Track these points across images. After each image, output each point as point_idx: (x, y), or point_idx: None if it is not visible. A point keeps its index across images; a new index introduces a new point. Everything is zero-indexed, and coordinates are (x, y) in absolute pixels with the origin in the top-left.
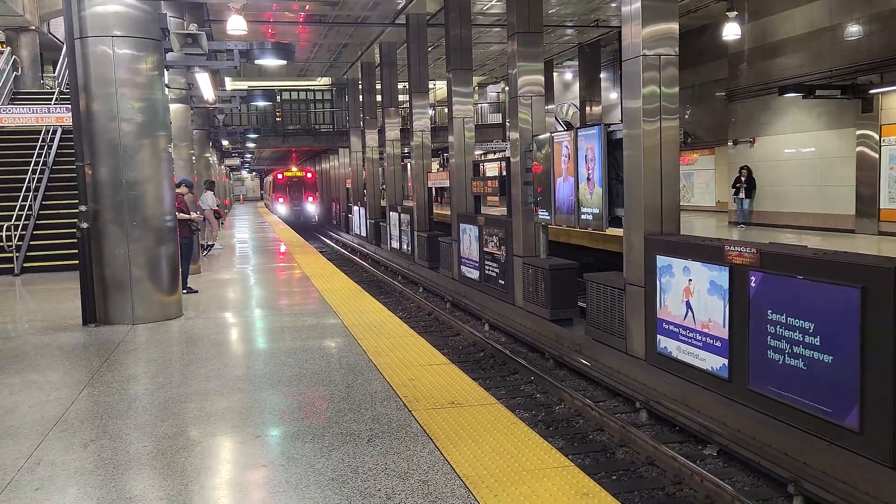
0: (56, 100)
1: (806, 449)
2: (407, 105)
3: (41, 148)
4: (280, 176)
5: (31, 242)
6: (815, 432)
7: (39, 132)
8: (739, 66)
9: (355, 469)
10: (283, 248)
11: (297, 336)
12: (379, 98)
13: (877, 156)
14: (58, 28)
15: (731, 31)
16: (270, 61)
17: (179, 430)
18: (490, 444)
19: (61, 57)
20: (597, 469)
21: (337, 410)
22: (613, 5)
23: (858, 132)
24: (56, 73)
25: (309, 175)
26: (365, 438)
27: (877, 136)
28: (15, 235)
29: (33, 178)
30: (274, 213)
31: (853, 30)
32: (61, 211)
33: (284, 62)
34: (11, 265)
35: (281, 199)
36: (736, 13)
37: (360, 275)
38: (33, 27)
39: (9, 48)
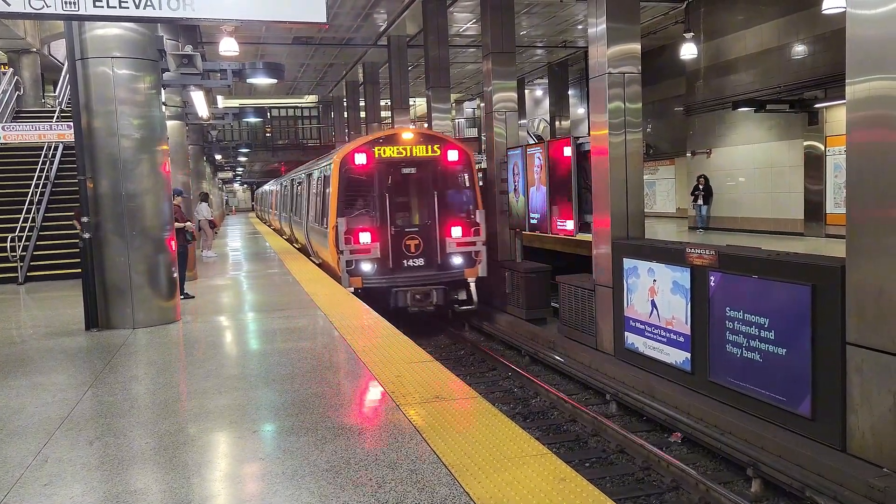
0: (57, 118)
1: (763, 435)
2: (389, 121)
3: (43, 163)
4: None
5: (35, 253)
6: (772, 420)
7: (42, 148)
8: (696, 83)
9: (347, 460)
10: (273, 255)
11: (290, 337)
12: (363, 114)
13: (822, 164)
14: (58, 50)
15: (689, 51)
16: (261, 80)
17: (180, 427)
18: (473, 435)
19: (62, 77)
20: (571, 457)
21: (329, 406)
22: (580, 27)
23: (806, 143)
24: (57, 93)
25: (453, 154)
26: (356, 431)
27: (822, 147)
28: (19, 246)
29: (36, 192)
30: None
31: (799, 49)
32: (63, 223)
33: (275, 80)
34: (16, 274)
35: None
36: (692, 34)
37: None
38: (35, 49)
39: (11, 69)
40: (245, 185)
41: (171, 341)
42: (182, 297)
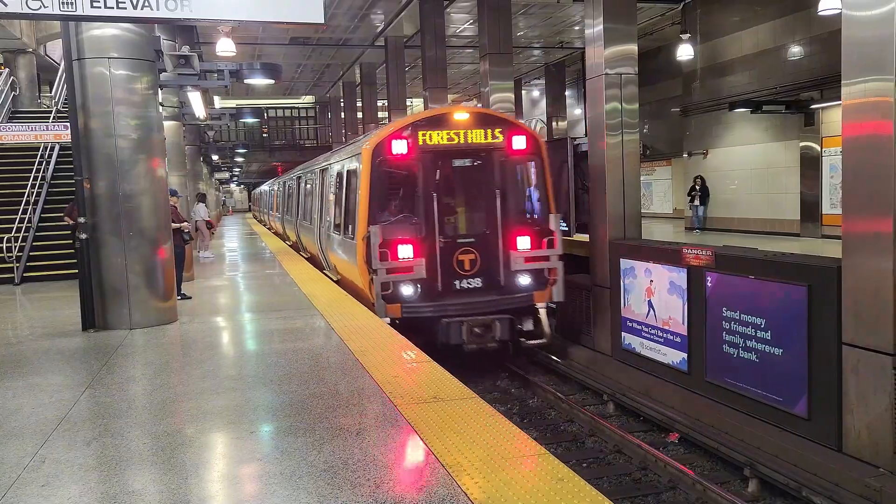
0: (54, 118)
1: (760, 435)
2: (386, 122)
3: (40, 164)
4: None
5: (31, 253)
6: (768, 420)
7: (38, 149)
8: (693, 84)
9: (345, 461)
10: (270, 256)
11: (287, 338)
12: (360, 115)
13: (819, 165)
14: (54, 50)
15: (685, 52)
16: (258, 80)
17: (177, 428)
18: (470, 435)
19: (58, 77)
20: (568, 457)
21: (327, 406)
22: (577, 28)
23: (802, 144)
24: (53, 93)
25: (520, 141)
26: (354, 432)
27: (818, 148)
28: (15, 247)
29: (32, 193)
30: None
31: (795, 50)
32: (59, 223)
33: (272, 81)
34: (12, 275)
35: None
36: (689, 35)
37: None
38: (30, 49)
39: (7, 69)
40: (242, 186)
41: (169, 342)
42: (179, 297)
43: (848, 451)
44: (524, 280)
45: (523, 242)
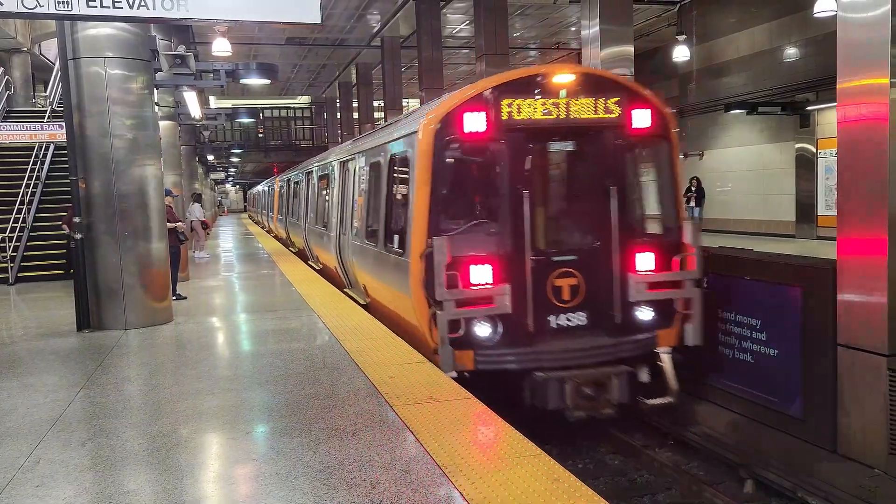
0: (49, 118)
1: (755, 436)
2: (382, 121)
3: (34, 163)
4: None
5: (25, 253)
6: (763, 420)
7: (32, 149)
8: (689, 86)
9: (341, 461)
10: (265, 256)
11: (283, 338)
12: (356, 115)
13: (814, 167)
14: (49, 49)
15: (681, 54)
16: (254, 80)
17: (173, 429)
18: (466, 436)
19: (53, 77)
20: (563, 458)
21: (322, 407)
22: (573, 29)
23: (797, 145)
24: (48, 93)
25: (642, 117)
26: (350, 432)
27: (814, 149)
28: (9, 247)
29: (27, 192)
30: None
31: (791, 52)
32: (54, 223)
33: (268, 81)
34: (6, 275)
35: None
36: (685, 36)
37: None
38: (25, 49)
39: (2, 69)
40: (237, 186)
41: (164, 342)
42: (174, 298)
43: (843, 451)
44: (645, 315)
45: (645, 261)
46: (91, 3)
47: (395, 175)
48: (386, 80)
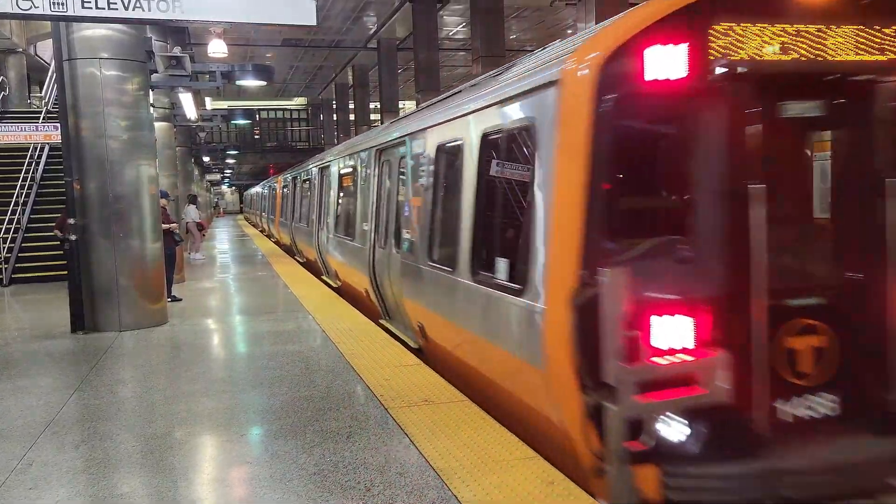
0: (44, 118)
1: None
2: (378, 123)
3: (29, 164)
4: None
5: (20, 255)
6: None
7: (27, 149)
8: None
9: (336, 464)
10: (261, 258)
11: (278, 340)
12: (352, 117)
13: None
14: (45, 50)
15: None
16: (251, 82)
17: (167, 431)
18: (461, 439)
19: (48, 78)
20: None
21: (317, 409)
22: (570, 32)
23: None
24: (43, 94)
25: None
26: (345, 435)
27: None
28: (4, 248)
29: (22, 194)
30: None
31: None
32: (49, 225)
33: (264, 83)
34: (1, 276)
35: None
36: None
37: None
38: (20, 49)
39: None
40: (233, 187)
41: (159, 344)
42: (169, 299)
43: None
44: None
45: None
46: (86, 4)
47: (494, 163)
48: (382, 81)
